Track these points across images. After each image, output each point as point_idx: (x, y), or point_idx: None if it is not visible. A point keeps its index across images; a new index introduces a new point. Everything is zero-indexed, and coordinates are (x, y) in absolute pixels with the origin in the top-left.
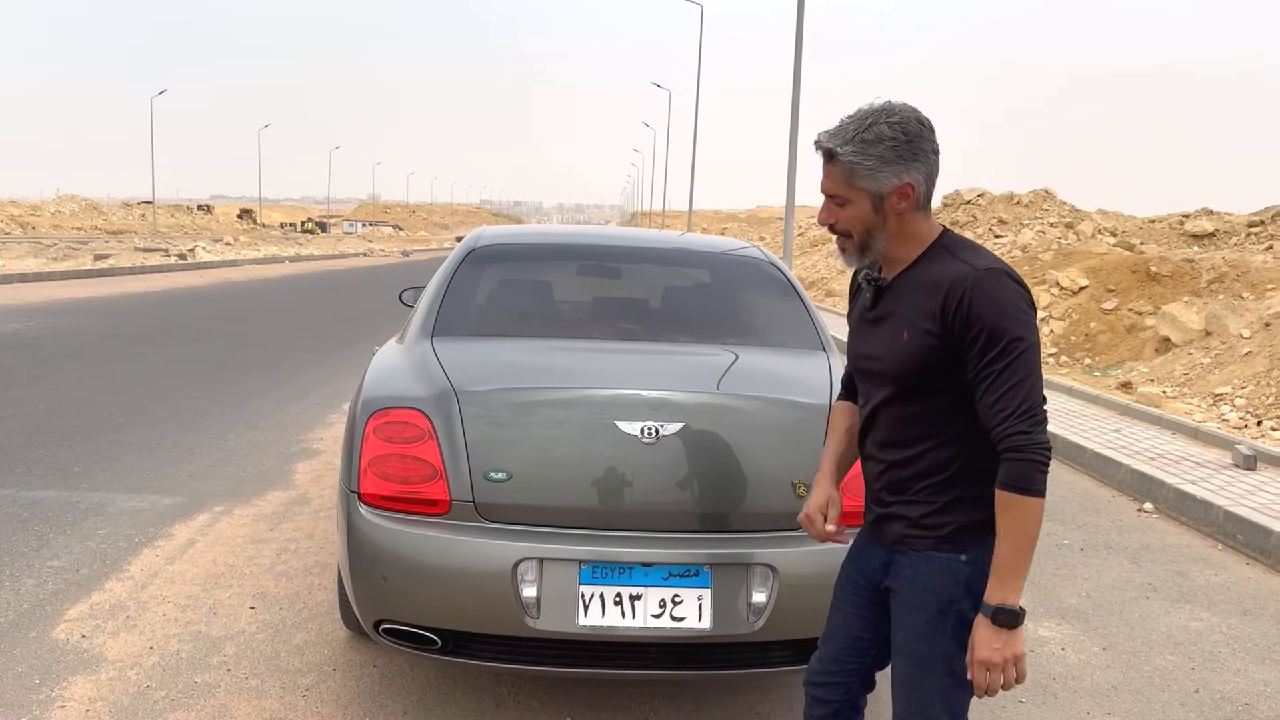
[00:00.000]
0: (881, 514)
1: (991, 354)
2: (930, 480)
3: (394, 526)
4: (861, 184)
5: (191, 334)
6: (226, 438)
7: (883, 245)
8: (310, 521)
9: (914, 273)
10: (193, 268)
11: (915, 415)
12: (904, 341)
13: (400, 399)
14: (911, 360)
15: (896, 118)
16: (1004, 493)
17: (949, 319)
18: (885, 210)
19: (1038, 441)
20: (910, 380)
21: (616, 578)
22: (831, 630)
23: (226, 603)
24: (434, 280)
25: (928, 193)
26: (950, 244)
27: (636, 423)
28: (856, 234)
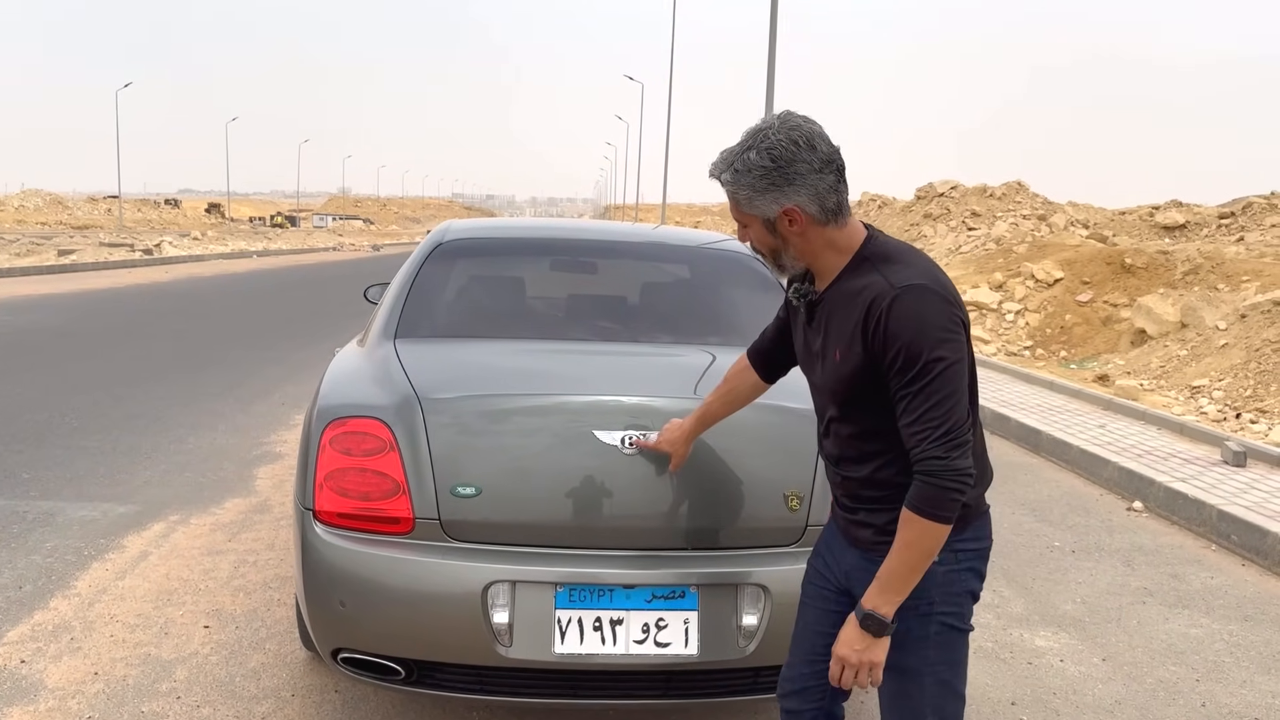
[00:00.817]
0: (850, 520)
1: (909, 374)
2: (889, 491)
3: (352, 547)
4: (748, 210)
5: (154, 331)
6: (185, 441)
7: (794, 263)
8: (271, 531)
9: (839, 286)
10: (158, 263)
11: (863, 432)
12: (836, 361)
13: (359, 407)
14: (846, 380)
15: (769, 143)
16: (909, 512)
17: (868, 339)
18: (779, 232)
19: (954, 468)
20: (849, 398)
21: (596, 601)
22: (801, 631)
23: (179, 622)
24: (398, 277)
25: (825, 208)
26: (874, 254)
27: (616, 432)
28: (765, 252)
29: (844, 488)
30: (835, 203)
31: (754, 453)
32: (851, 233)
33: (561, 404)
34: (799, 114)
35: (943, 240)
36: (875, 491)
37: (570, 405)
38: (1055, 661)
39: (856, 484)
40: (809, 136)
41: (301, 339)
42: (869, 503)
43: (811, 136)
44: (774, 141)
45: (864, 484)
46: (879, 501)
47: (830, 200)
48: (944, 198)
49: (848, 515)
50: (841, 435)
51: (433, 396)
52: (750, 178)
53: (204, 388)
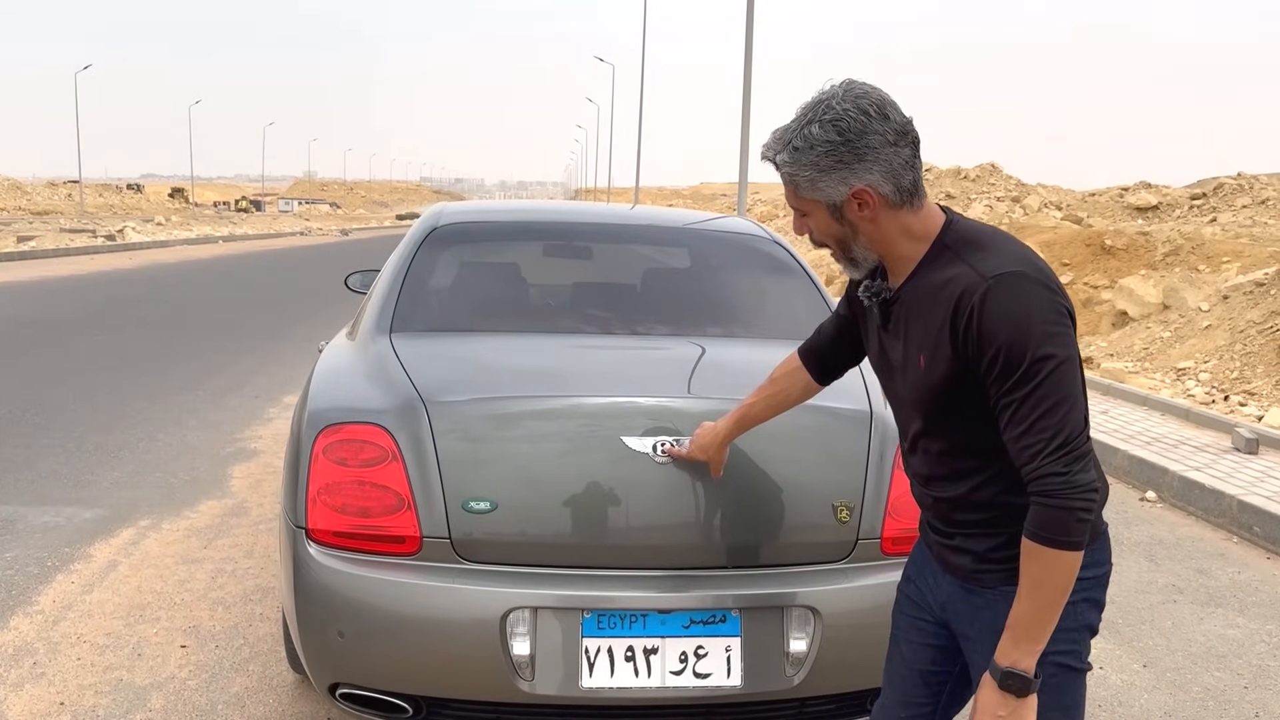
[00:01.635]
0: (945, 545)
1: (1013, 379)
2: (990, 514)
3: (351, 570)
4: (809, 195)
5: (118, 320)
6: (155, 438)
7: (866, 255)
8: (249, 536)
9: (919, 281)
10: (121, 249)
11: (957, 447)
12: (921, 369)
13: (356, 411)
14: (934, 389)
15: (834, 113)
16: (1031, 543)
17: (959, 340)
18: (848, 219)
19: (1076, 484)
20: (939, 410)
21: (627, 628)
22: (894, 669)
23: (153, 641)
24: (389, 264)
25: (900, 188)
26: (956, 240)
27: (647, 438)
28: (831, 244)
29: (936, 510)
30: (911, 181)
31: (799, 459)
32: (928, 217)
33: (585, 407)
34: (864, 81)
35: None
36: (973, 514)
37: (594, 408)
38: (1095, 669)
39: (950, 506)
40: (880, 104)
41: (273, 328)
42: (966, 527)
43: (883, 104)
44: (840, 111)
45: (959, 506)
46: (978, 525)
47: (906, 178)
48: None
49: (942, 540)
50: (931, 452)
51: (439, 399)
52: (813, 155)
53: (173, 380)
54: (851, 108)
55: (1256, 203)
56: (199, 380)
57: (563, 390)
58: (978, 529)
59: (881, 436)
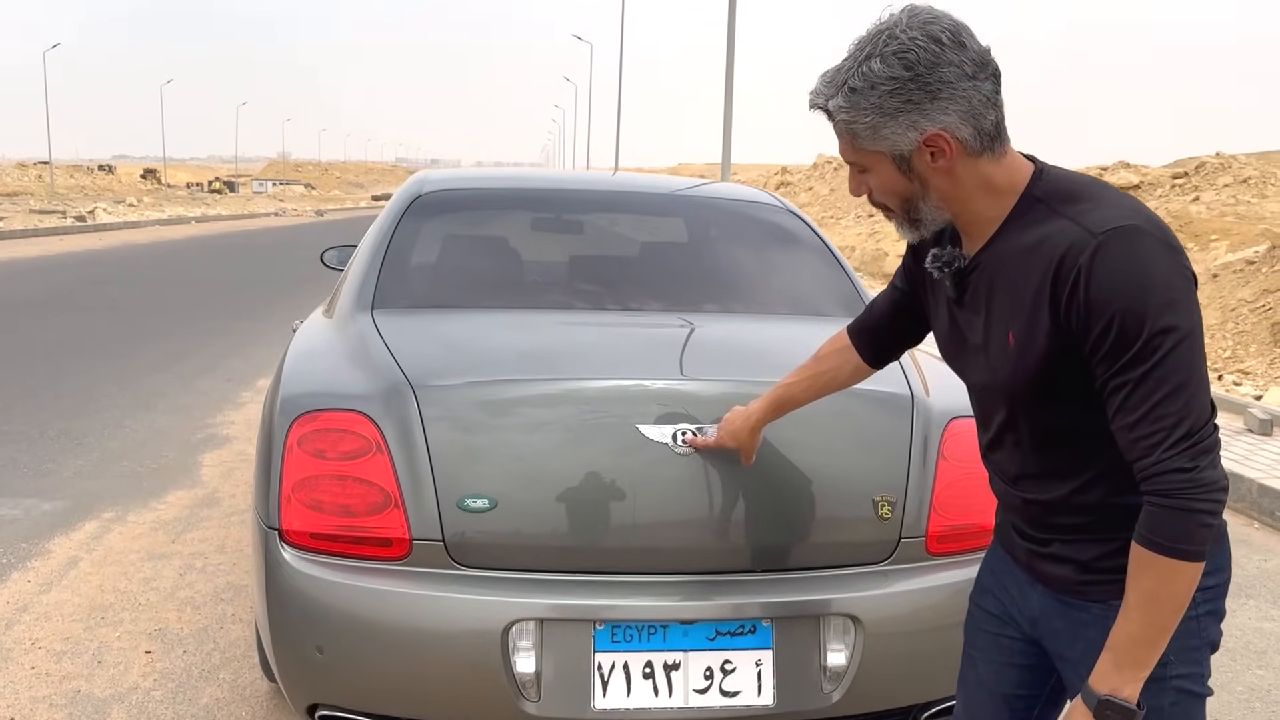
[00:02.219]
0: (1037, 552)
1: (1127, 355)
2: (1096, 517)
3: (332, 578)
4: (870, 146)
5: (86, 302)
6: (122, 424)
7: (936, 214)
8: (220, 529)
9: (1003, 243)
10: (91, 230)
11: (1055, 442)
12: (1010, 348)
13: (334, 396)
14: (1029, 371)
15: (899, 44)
16: (1143, 550)
17: (1062, 310)
18: (917, 171)
19: (1202, 482)
20: (1033, 396)
21: (646, 641)
22: (971, 693)
23: (115, 647)
24: (369, 235)
25: (982, 130)
26: (1050, 193)
27: (665, 425)
28: (894, 206)
29: (1026, 513)
30: (993, 123)
31: (834, 449)
32: (1013, 166)
33: (594, 391)
34: (930, 5)
35: None
36: (1076, 518)
37: (605, 392)
38: None
39: (1045, 509)
40: (954, 30)
41: (246, 309)
42: (1067, 532)
43: (957, 30)
44: (906, 41)
45: (1058, 509)
46: (1082, 531)
47: (987, 119)
48: None
49: (1034, 547)
50: (1023, 446)
51: (430, 383)
52: (875, 96)
53: (142, 363)
54: (920, 35)
55: (1238, 181)
56: (169, 363)
57: (569, 372)
58: (1080, 535)
59: (925, 423)
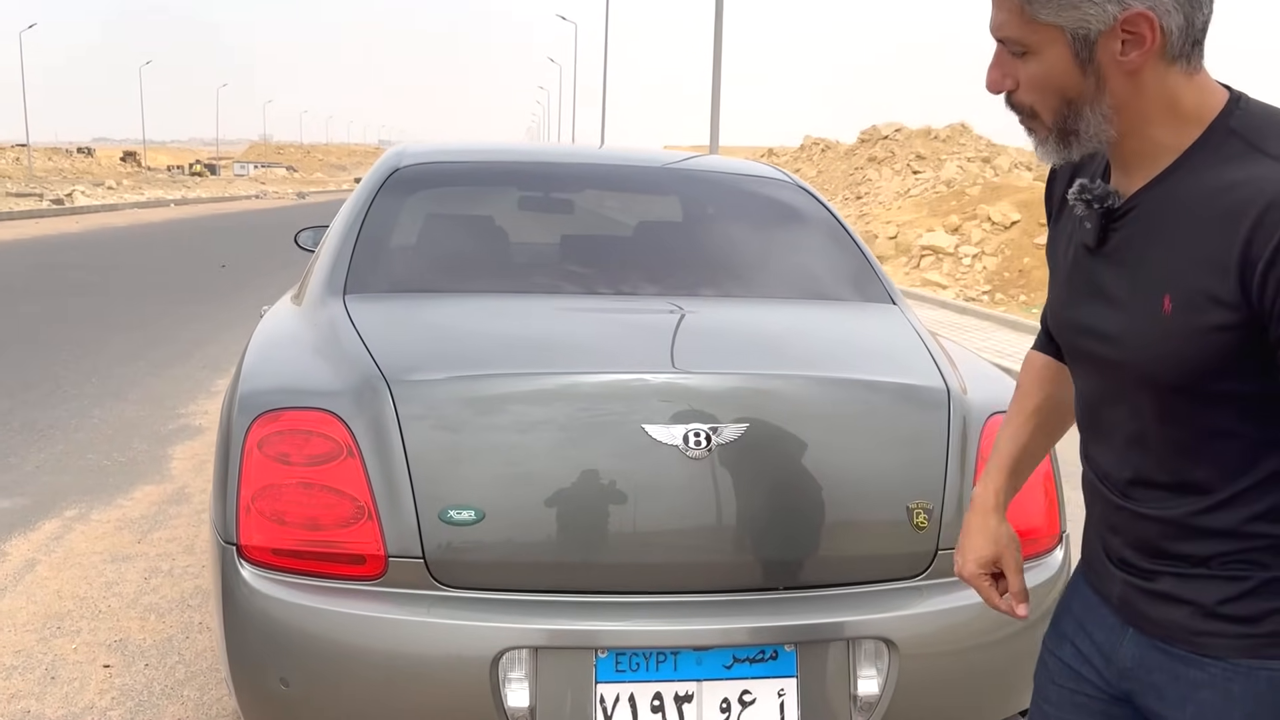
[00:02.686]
0: (1139, 588)
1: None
2: (1237, 545)
3: (297, 600)
4: (1049, 16)
5: (59, 286)
6: (90, 414)
7: (1099, 131)
8: (189, 528)
9: (1176, 183)
10: (68, 213)
11: (1199, 443)
12: (1165, 315)
13: (300, 393)
14: (1179, 349)
15: None
16: None
17: (1257, 278)
18: (1098, 64)
19: None
20: (1183, 381)
21: (654, 670)
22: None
23: (71, 660)
24: (342, 214)
25: (1188, 27)
26: (1250, 127)
27: (677, 426)
28: (1046, 109)
29: (1133, 534)
30: (1204, 22)
31: (865, 452)
32: (1205, 89)
33: (594, 386)
34: None
35: (889, 184)
36: (1203, 545)
37: (607, 388)
38: None
39: (1162, 530)
40: None
41: (223, 293)
42: (1186, 564)
43: None
44: None
45: (1182, 531)
46: (1208, 563)
47: (1202, 13)
48: (888, 140)
49: (1135, 581)
50: (1148, 446)
51: (407, 378)
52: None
53: (114, 349)
54: None
55: None
56: (142, 349)
57: (565, 365)
58: (1206, 568)
59: (962, 420)
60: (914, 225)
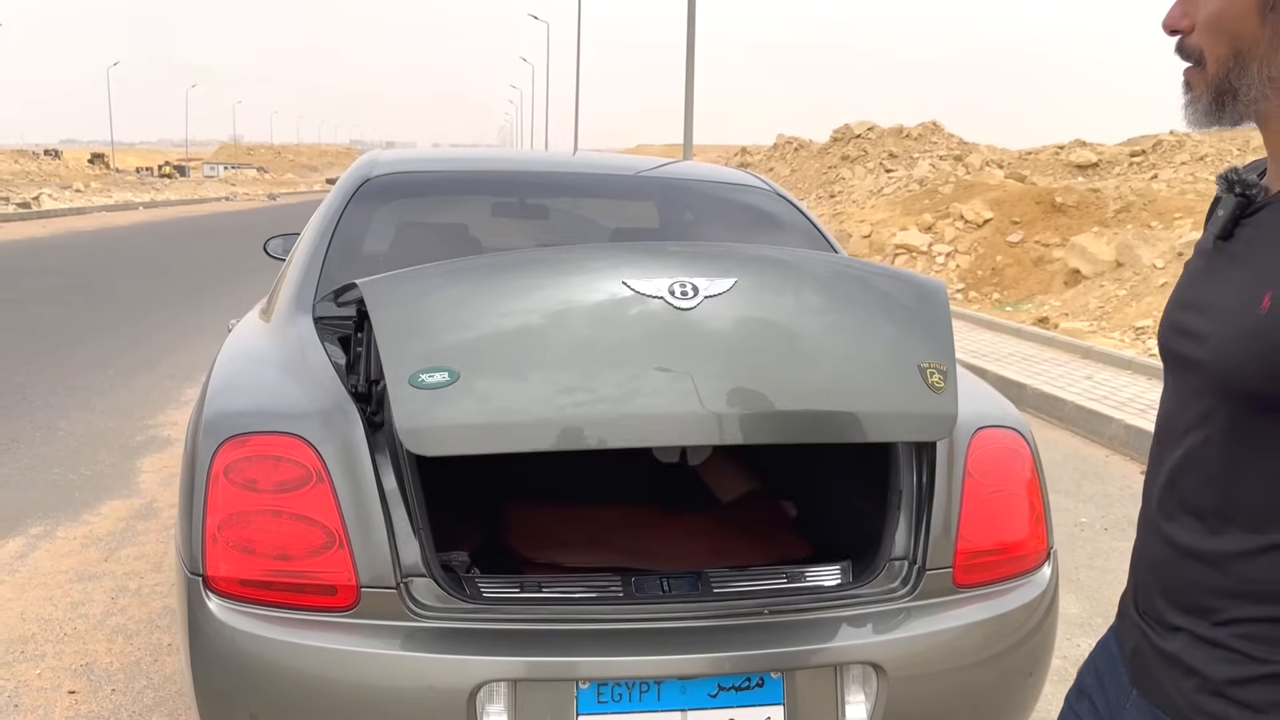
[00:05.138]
0: (1154, 646)
1: None
2: (1266, 610)
3: (267, 633)
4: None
5: (23, 293)
6: (55, 425)
7: (1259, 96)
8: (157, 544)
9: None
10: (35, 217)
11: (1257, 467)
12: (1262, 313)
13: (268, 416)
14: (1269, 351)
15: None
16: None
17: None
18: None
19: None
20: (1258, 390)
21: (638, 701)
22: None
23: (34, 686)
24: (312, 225)
25: None
26: None
27: (661, 279)
28: (1213, 56)
29: (1165, 571)
30: None
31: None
32: None
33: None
34: None
35: (862, 182)
36: (1239, 605)
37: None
38: None
39: (1197, 571)
40: None
41: (193, 300)
42: (1213, 625)
43: None
44: None
45: (1217, 571)
46: (1235, 628)
47: None
48: (861, 139)
49: (1152, 635)
50: (1202, 460)
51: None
52: None
53: (80, 359)
54: None
55: (1195, 159)
56: (109, 358)
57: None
58: (1227, 631)
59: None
60: (887, 224)
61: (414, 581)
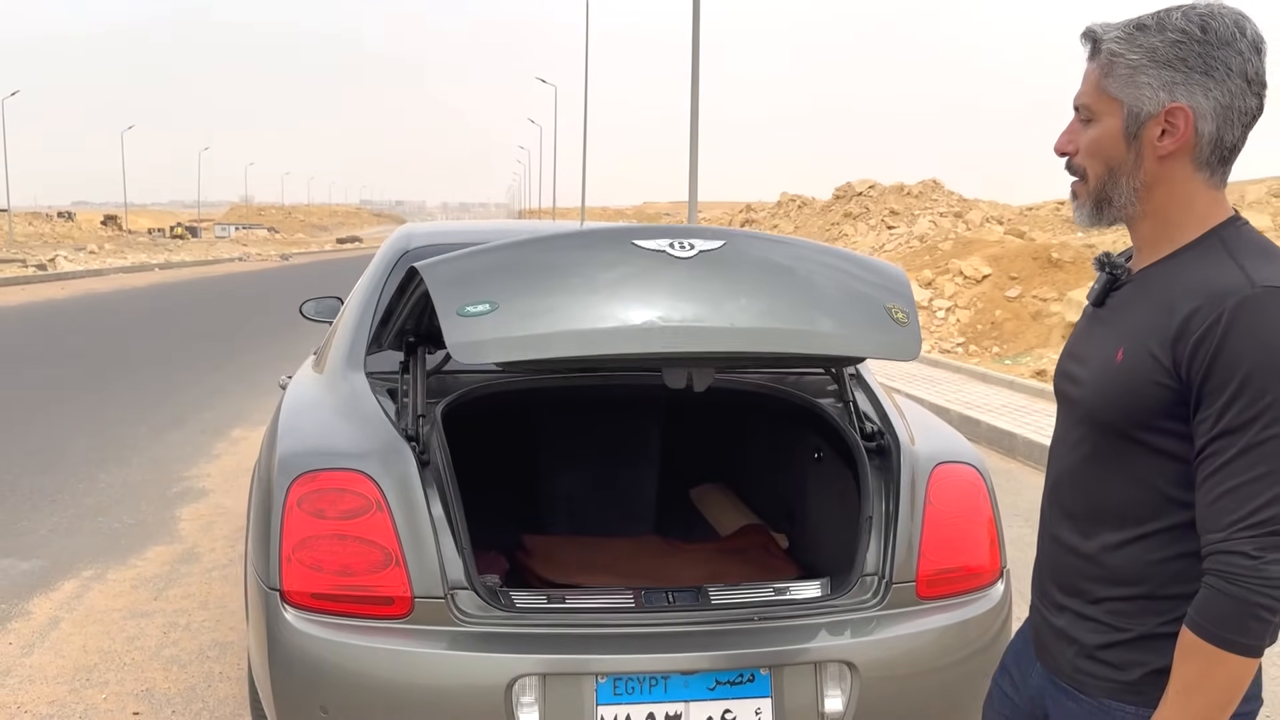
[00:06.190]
0: (1048, 622)
1: (1238, 420)
2: (1123, 591)
3: (334, 638)
4: (1115, 89)
5: (52, 354)
6: (95, 478)
7: (1127, 203)
8: (202, 585)
9: (1167, 269)
10: (53, 279)
11: (1114, 481)
12: (1117, 363)
13: (333, 455)
14: (1118, 392)
15: (1207, 11)
16: (1190, 635)
17: (1185, 353)
18: (1140, 143)
19: (1266, 576)
20: (1112, 423)
21: (647, 693)
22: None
23: (103, 708)
24: (358, 291)
25: (1222, 142)
26: (1233, 238)
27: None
28: (1092, 174)
29: (1055, 563)
30: (1232, 144)
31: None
32: (1217, 203)
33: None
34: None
35: (864, 239)
36: (1098, 584)
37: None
38: None
39: (1072, 559)
40: (1258, 39)
41: (216, 359)
42: (1088, 603)
43: (1260, 41)
44: (1215, 12)
45: (1087, 564)
46: (1101, 604)
47: (1231, 134)
48: (863, 196)
49: (1046, 615)
50: (1079, 478)
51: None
52: (1157, 38)
53: (112, 416)
54: (1229, 15)
55: None
56: (140, 416)
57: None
58: (1096, 610)
59: (911, 469)
60: None
61: (458, 593)
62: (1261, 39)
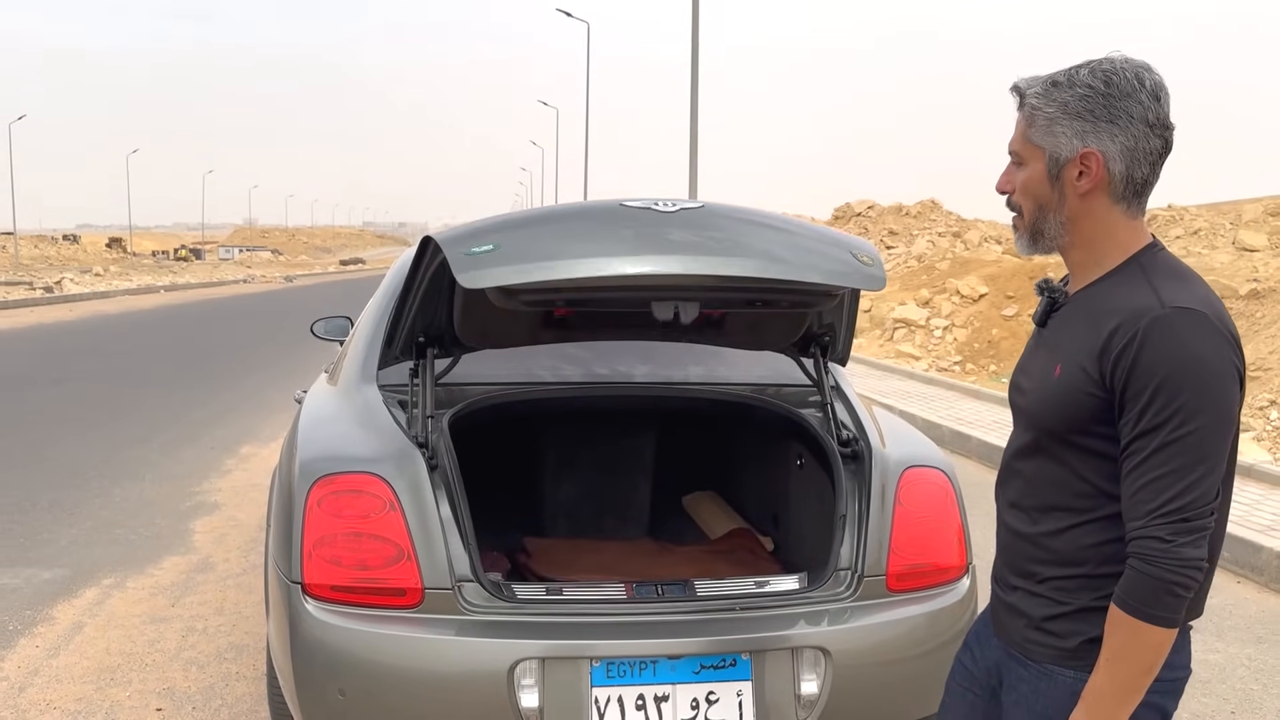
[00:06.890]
0: (1003, 601)
1: (1153, 423)
2: (1065, 571)
3: (351, 626)
4: (1037, 139)
5: (64, 374)
6: (111, 493)
7: (1057, 234)
8: (217, 592)
9: (1094, 290)
10: (60, 301)
11: (1056, 477)
12: (1054, 377)
13: (350, 460)
14: (1057, 403)
15: (1110, 66)
16: (1116, 610)
17: (1109, 366)
18: (1062, 183)
19: (1179, 557)
20: (1053, 428)
21: (637, 676)
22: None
23: (127, 705)
24: (373, 305)
25: (1131, 179)
26: (1150, 264)
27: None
28: (1026, 210)
29: (1008, 549)
30: (1143, 179)
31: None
32: (1137, 232)
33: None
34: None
35: None
36: (1045, 566)
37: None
38: None
39: (1025, 543)
40: (1158, 86)
41: (224, 378)
42: (1032, 580)
43: (1160, 88)
44: (1116, 67)
45: (1034, 547)
46: (1045, 583)
47: (1140, 171)
48: (861, 217)
49: (1001, 593)
50: (1025, 474)
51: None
52: (1067, 94)
53: (125, 433)
54: (1129, 69)
55: (1189, 233)
56: (152, 433)
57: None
58: (1040, 588)
59: (882, 471)
60: (887, 299)
61: (465, 585)
62: (1161, 88)
